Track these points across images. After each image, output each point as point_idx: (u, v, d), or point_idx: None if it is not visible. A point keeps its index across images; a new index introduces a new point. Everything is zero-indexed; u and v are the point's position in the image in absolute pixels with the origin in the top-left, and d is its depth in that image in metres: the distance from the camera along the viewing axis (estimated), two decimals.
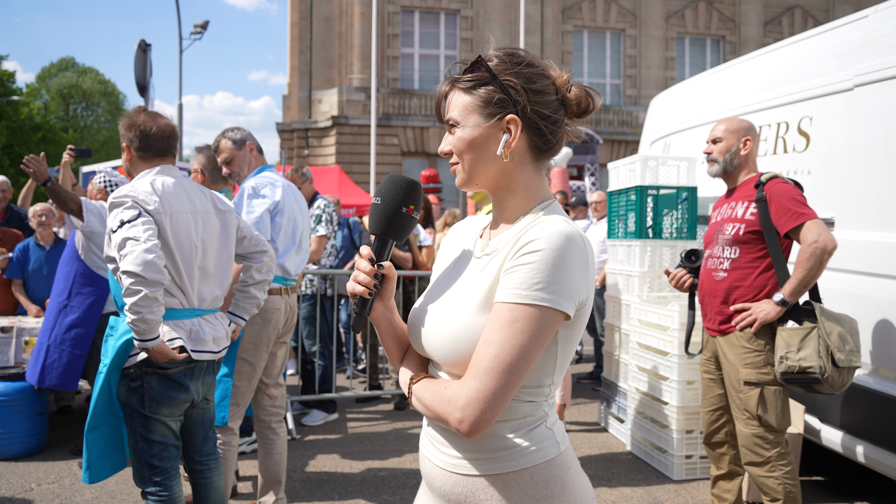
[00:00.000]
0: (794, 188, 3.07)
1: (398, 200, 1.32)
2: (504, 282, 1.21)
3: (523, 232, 1.25)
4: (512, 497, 1.26)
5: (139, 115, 2.79)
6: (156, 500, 2.66)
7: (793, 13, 26.75)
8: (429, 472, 1.38)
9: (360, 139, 22.90)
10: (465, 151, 1.31)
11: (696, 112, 5.52)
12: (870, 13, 3.82)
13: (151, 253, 2.42)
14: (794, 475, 3.07)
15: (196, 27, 19.30)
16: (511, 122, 1.29)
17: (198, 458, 2.89)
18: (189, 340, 2.65)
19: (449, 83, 1.35)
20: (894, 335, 3.40)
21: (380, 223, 1.33)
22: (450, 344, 1.26)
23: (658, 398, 4.51)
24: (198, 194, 2.83)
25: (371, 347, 6.44)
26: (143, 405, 2.61)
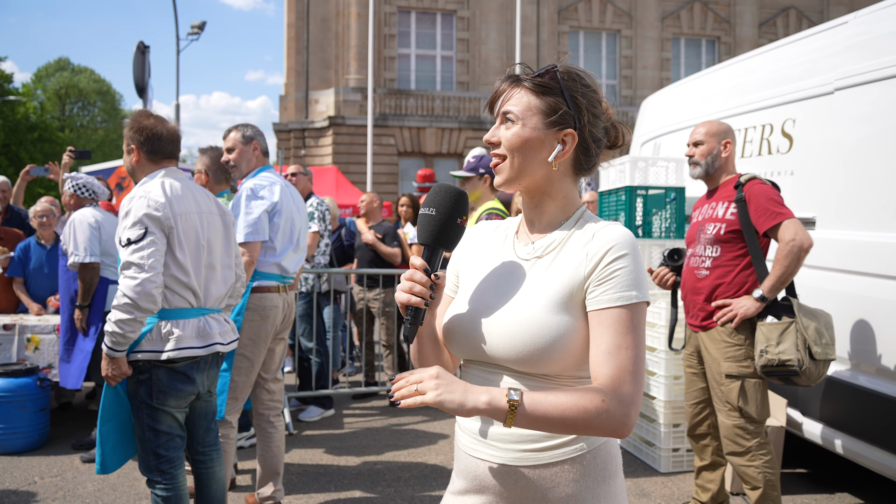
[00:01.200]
0: (771, 189, 3.19)
1: (452, 211, 1.36)
2: (605, 289, 1.29)
3: (591, 238, 1.34)
4: (578, 480, 1.34)
5: (148, 118, 2.91)
6: (162, 488, 2.77)
7: (787, 14, 26.90)
8: (484, 474, 1.38)
9: (356, 139, 23.00)
10: (518, 149, 1.37)
11: (684, 114, 5.63)
12: (850, 19, 3.94)
13: (151, 283, 2.58)
14: (773, 464, 3.19)
15: (193, 28, 19.41)
16: (569, 135, 1.37)
17: (200, 448, 3.01)
18: (197, 337, 2.78)
19: (514, 80, 1.41)
20: (874, 331, 3.52)
21: (434, 234, 1.35)
22: (524, 344, 1.30)
23: (646, 393, 4.63)
24: (202, 195, 2.96)
25: (367, 345, 6.55)
26: (151, 397, 2.73)
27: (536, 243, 1.43)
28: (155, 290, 2.60)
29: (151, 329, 2.71)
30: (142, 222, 2.65)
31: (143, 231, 2.63)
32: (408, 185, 22.77)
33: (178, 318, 2.76)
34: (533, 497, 1.35)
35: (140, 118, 2.93)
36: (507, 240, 1.49)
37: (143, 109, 3.01)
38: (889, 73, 3.55)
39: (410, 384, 1.25)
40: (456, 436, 1.48)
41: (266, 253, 3.61)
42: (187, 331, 2.76)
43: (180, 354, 2.72)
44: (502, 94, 1.42)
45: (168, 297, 2.74)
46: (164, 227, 2.69)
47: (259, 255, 3.58)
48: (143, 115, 2.95)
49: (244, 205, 3.52)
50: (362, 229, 6.47)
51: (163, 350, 2.70)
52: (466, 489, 1.43)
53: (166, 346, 2.71)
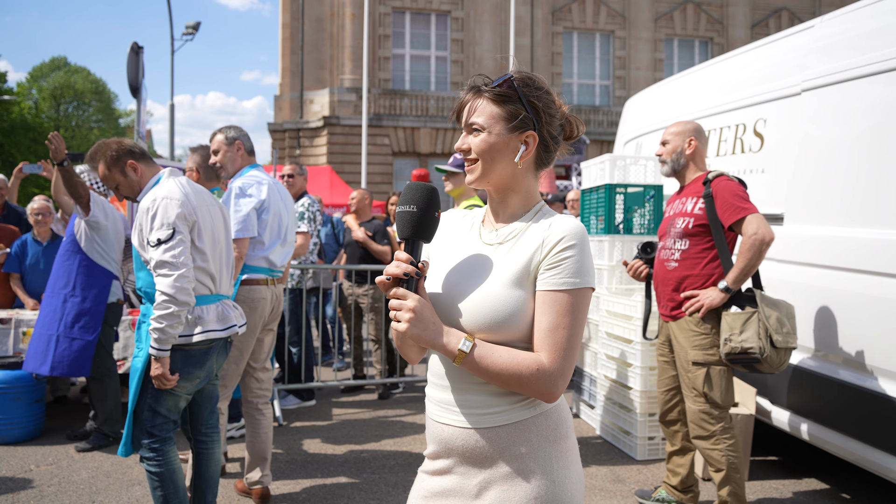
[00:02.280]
0: (737, 185, 3.35)
1: (429, 206, 1.51)
2: (552, 273, 1.47)
3: (547, 228, 1.52)
4: (531, 440, 1.51)
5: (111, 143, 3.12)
6: (155, 464, 2.94)
7: (780, 15, 27.10)
8: (449, 437, 1.54)
9: (351, 139, 23.14)
10: (486, 154, 1.55)
11: (665, 114, 5.78)
12: (816, 23, 4.10)
13: (184, 278, 2.78)
14: (736, 448, 3.35)
15: (188, 28, 19.53)
16: (530, 136, 1.56)
17: (203, 429, 3.21)
18: (218, 321, 3.00)
19: (476, 91, 1.57)
20: (839, 322, 3.67)
21: (417, 228, 1.50)
22: (486, 316, 1.47)
23: (624, 384, 4.78)
24: (202, 190, 3.16)
25: (356, 339, 6.68)
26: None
27: (500, 231, 1.60)
28: (188, 285, 2.80)
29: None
30: (170, 222, 2.83)
31: (172, 231, 2.82)
32: (402, 185, 22.87)
33: (202, 304, 2.96)
34: (492, 456, 1.51)
35: (108, 148, 3.09)
36: (474, 228, 1.66)
37: (100, 142, 3.15)
38: (852, 75, 3.71)
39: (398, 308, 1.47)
40: (427, 407, 1.64)
41: (254, 247, 3.77)
42: (210, 315, 2.98)
43: (207, 337, 2.93)
44: (466, 105, 1.59)
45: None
46: (188, 223, 2.90)
47: (248, 250, 3.74)
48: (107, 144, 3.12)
49: (233, 203, 3.69)
50: (352, 226, 6.60)
51: (192, 334, 2.90)
52: (437, 453, 1.60)
53: (195, 330, 2.91)
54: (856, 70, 3.69)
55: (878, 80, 3.56)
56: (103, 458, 4.58)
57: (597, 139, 24.05)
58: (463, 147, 1.58)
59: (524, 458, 1.51)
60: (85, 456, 4.63)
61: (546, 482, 1.51)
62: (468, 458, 1.53)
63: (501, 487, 1.51)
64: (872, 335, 3.46)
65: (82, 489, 4.04)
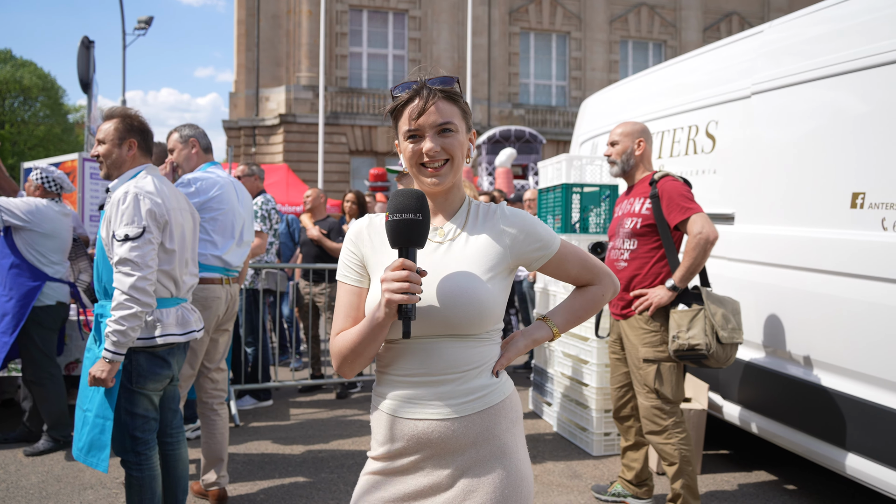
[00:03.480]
0: (682, 185, 3.44)
1: (428, 212, 1.47)
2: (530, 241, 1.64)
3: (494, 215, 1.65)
4: (500, 423, 1.60)
5: (136, 115, 3.06)
6: (136, 467, 2.92)
7: (730, 19, 27.76)
8: (423, 431, 1.54)
9: (307, 137, 22.96)
10: (457, 154, 1.58)
11: (619, 115, 5.88)
12: (765, 28, 4.22)
13: (146, 281, 2.74)
14: (688, 442, 3.44)
15: (140, 22, 19.14)
16: (473, 135, 1.66)
17: (168, 430, 3.18)
18: (178, 325, 2.96)
19: (430, 91, 1.56)
20: (788, 319, 3.79)
21: (420, 235, 1.45)
22: (475, 309, 1.52)
23: (580, 381, 4.86)
24: (176, 192, 3.11)
25: (313, 339, 6.65)
26: (131, 381, 2.87)
27: (445, 227, 1.63)
28: (150, 287, 2.76)
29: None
30: (141, 220, 2.78)
31: (142, 230, 2.76)
32: (359, 184, 22.81)
33: (161, 307, 2.92)
34: (468, 442, 1.56)
35: (131, 113, 3.05)
36: None
37: (126, 107, 3.11)
38: (798, 80, 3.83)
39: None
40: (380, 408, 1.63)
41: (206, 246, 3.73)
42: (170, 318, 2.93)
43: (166, 340, 2.89)
44: (420, 105, 1.55)
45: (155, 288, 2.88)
46: (160, 223, 2.84)
47: (200, 249, 3.69)
48: (132, 111, 3.07)
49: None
50: (307, 225, 6.57)
51: (151, 336, 2.85)
52: (400, 451, 1.58)
53: (154, 333, 2.86)
54: (802, 74, 3.81)
55: (822, 85, 3.68)
56: (53, 462, 4.48)
57: (553, 139, 24.31)
58: (436, 149, 1.55)
59: (495, 440, 1.59)
60: (33, 460, 4.52)
61: (513, 461, 1.60)
62: (442, 449, 1.56)
63: (475, 471, 1.57)
64: (818, 331, 3.59)
65: (32, 494, 3.94)
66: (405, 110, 1.60)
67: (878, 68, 3.37)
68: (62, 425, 4.73)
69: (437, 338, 1.56)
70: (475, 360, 1.59)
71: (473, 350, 1.58)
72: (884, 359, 3.19)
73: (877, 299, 3.23)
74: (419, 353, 1.57)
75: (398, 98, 1.61)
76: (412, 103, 1.59)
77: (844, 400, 3.37)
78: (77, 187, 7.34)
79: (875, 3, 3.43)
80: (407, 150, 1.60)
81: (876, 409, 3.20)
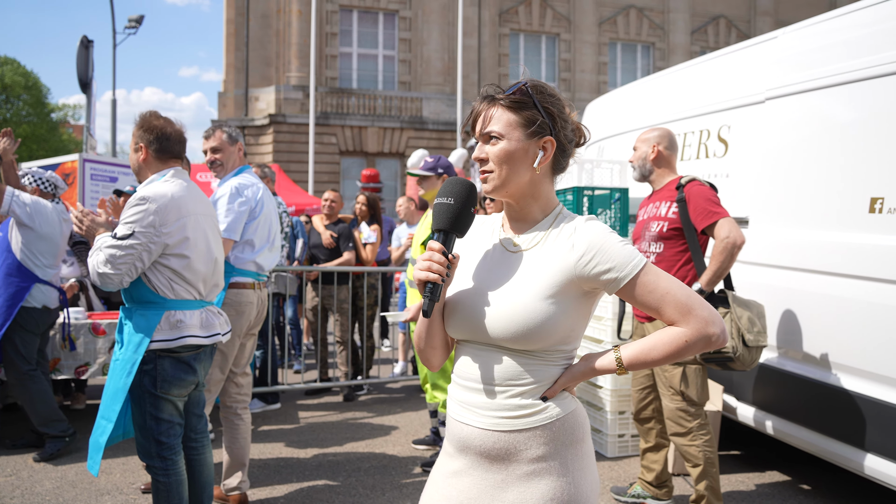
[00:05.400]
0: (709, 190, 3.48)
1: (467, 201, 1.54)
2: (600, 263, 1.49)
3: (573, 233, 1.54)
4: (548, 444, 1.55)
5: (157, 118, 3.08)
6: (163, 473, 2.91)
7: (718, 23, 27.99)
8: (468, 435, 1.58)
9: (297, 137, 22.89)
10: (505, 162, 1.55)
11: (627, 119, 5.93)
12: (779, 34, 4.27)
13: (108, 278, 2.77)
14: (712, 443, 3.48)
15: (131, 21, 18.97)
16: (548, 142, 1.58)
17: (193, 435, 3.16)
18: (202, 328, 2.96)
19: (490, 100, 1.59)
20: (800, 321, 3.85)
21: (451, 220, 1.53)
22: (517, 326, 1.50)
23: (593, 383, 4.89)
24: (202, 197, 3.11)
25: (321, 342, 6.64)
26: (155, 386, 2.86)
27: (521, 238, 1.62)
28: (109, 285, 2.78)
29: (160, 320, 2.84)
30: (132, 224, 2.78)
31: (131, 233, 2.76)
32: (349, 185, 22.80)
33: (185, 309, 2.92)
34: (508, 457, 1.55)
35: (150, 118, 3.07)
36: (495, 233, 1.68)
37: (152, 110, 3.13)
38: (813, 86, 3.89)
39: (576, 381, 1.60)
40: (448, 406, 1.67)
41: (244, 250, 3.73)
42: (193, 321, 2.93)
43: (188, 342, 2.88)
44: (481, 114, 1.60)
45: (175, 289, 2.90)
46: (161, 232, 2.82)
47: (238, 253, 3.70)
48: (153, 115, 3.09)
49: (227, 202, 3.63)
50: (319, 229, 6.58)
51: (172, 338, 2.85)
52: (455, 451, 1.63)
53: (175, 335, 2.86)
54: (818, 81, 3.86)
55: (838, 91, 3.73)
56: (66, 468, 4.44)
57: None
58: (480, 156, 1.58)
59: (541, 460, 1.55)
60: (45, 466, 4.48)
61: (563, 483, 1.55)
62: (486, 458, 1.57)
63: (519, 489, 1.54)
64: (834, 333, 3.64)
65: (48, 500, 3.91)
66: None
67: (894, 76, 3.42)
68: (53, 421, 4.67)
69: (489, 347, 1.58)
70: (523, 378, 1.56)
71: (524, 367, 1.56)
72: None
73: (894, 302, 3.29)
74: (471, 357, 1.61)
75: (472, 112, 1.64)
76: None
77: (862, 401, 3.43)
78: (77, 187, 7.31)
79: (890, 13, 3.49)
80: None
81: (894, 409, 3.25)
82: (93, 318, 5.17)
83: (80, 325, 4.96)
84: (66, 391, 6.03)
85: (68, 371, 4.94)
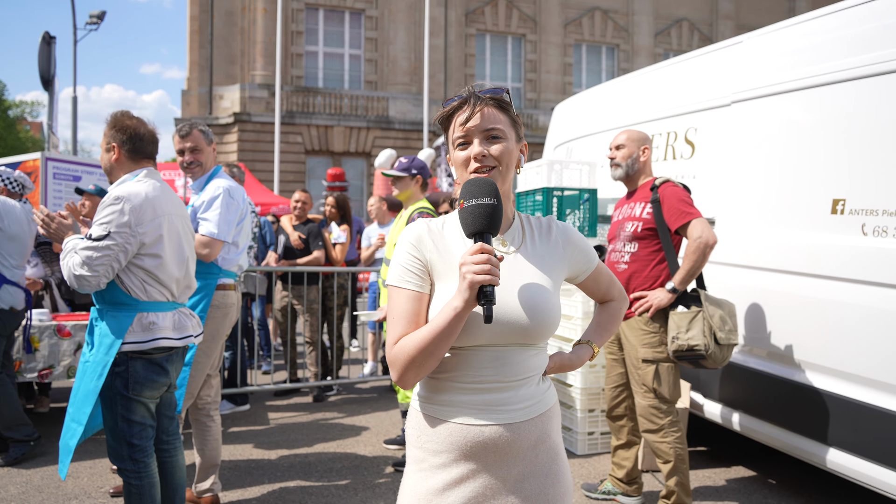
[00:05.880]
0: (682, 191, 3.54)
1: (499, 199, 1.48)
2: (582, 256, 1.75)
3: (548, 229, 1.71)
4: (554, 424, 1.68)
5: (130, 118, 3.03)
6: (135, 476, 2.87)
7: (681, 25, 28.44)
8: (490, 437, 1.55)
9: (262, 136, 22.67)
10: (506, 160, 1.59)
11: (596, 120, 6.00)
12: (744, 39, 4.37)
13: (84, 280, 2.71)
14: (683, 440, 3.54)
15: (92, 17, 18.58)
16: (525, 146, 1.69)
17: (165, 437, 3.13)
18: (174, 329, 2.92)
19: (479, 99, 1.60)
20: (764, 319, 3.94)
21: (492, 220, 1.46)
22: (551, 321, 1.59)
23: (563, 381, 4.94)
24: (175, 197, 3.07)
25: (291, 342, 6.60)
26: (127, 388, 2.82)
27: (505, 237, 1.66)
28: (86, 287, 2.73)
29: (133, 321, 2.80)
30: (109, 225, 2.74)
31: (106, 234, 2.72)
32: (315, 184, 22.63)
33: (158, 311, 2.87)
34: (528, 445, 1.60)
35: (122, 118, 3.02)
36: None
37: (124, 110, 3.09)
38: (778, 90, 3.98)
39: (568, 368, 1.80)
40: (438, 416, 1.60)
41: (230, 251, 3.71)
42: (166, 322, 2.89)
43: (160, 344, 2.85)
44: (476, 111, 1.58)
45: (148, 291, 2.86)
46: (137, 232, 2.78)
47: (224, 254, 3.68)
48: (126, 115, 3.05)
49: (222, 204, 3.58)
50: (287, 229, 6.53)
51: (145, 340, 2.81)
52: (460, 458, 1.57)
53: (148, 337, 2.82)
54: (782, 85, 3.96)
55: (802, 95, 3.83)
56: (31, 472, 4.35)
57: None
58: (483, 153, 1.57)
59: (549, 441, 1.65)
60: (10, 471, 4.38)
61: (563, 463, 1.69)
62: (506, 454, 1.57)
63: (536, 475, 1.62)
64: (798, 331, 3.73)
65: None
66: (455, 118, 1.63)
67: (854, 81, 3.53)
68: (18, 425, 4.57)
69: (509, 346, 1.58)
70: (537, 367, 1.65)
71: (536, 357, 1.64)
72: (862, 357, 3.34)
73: (856, 300, 3.39)
74: (490, 360, 1.57)
75: (448, 106, 1.64)
76: (461, 110, 1.62)
77: (825, 397, 3.52)
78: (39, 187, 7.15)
79: (850, 20, 3.59)
80: (458, 158, 1.62)
81: (856, 405, 3.36)
82: (57, 319, 5.07)
83: (44, 327, 4.86)
84: (28, 394, 5.90)
85: (32, 374, 4.82)
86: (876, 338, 3.27)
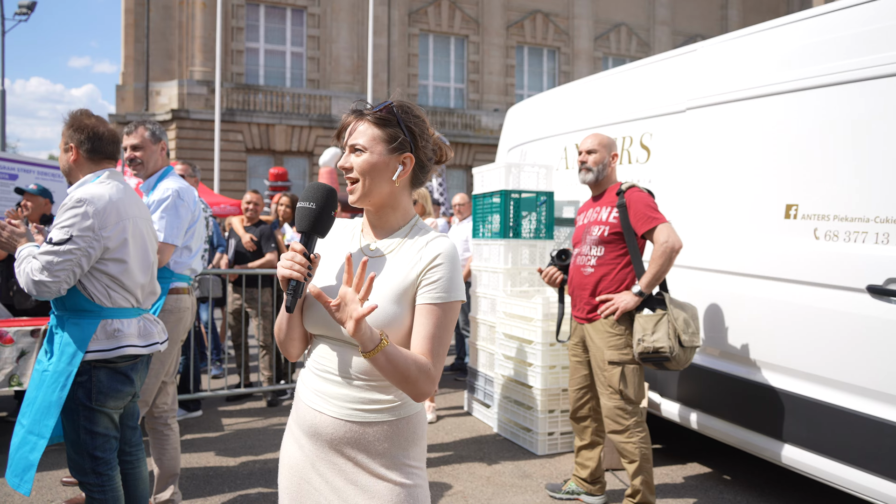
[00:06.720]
0: (648, 196, 3.63)
1: (326, 205, 1.64)
2: (428, 289, 1.64)
3: (423, 247, 1.68)
4: (391, 439, 1.68)
5: (89, 117, 2.92)
6: (98, 490, 2.75)
7: (619, 30, 29.07)
8: (319, 423, 1.68)
9: (202, 134, 22.14)
10: (368, 173, 1.67)
11: (551, 124, 6.07)
12: (699, 48, 4.49)
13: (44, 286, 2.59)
14: (647, 440, 3.62)
15: (21, 7, 17.79)
16: (408, 158, 1.71)
17: (127, 448, 3.01)
18: (139, 337, 2.81)
19: (358, 114, 1.70)
20: (720, 319, 4.06)
21: (313, 222, 1.63)
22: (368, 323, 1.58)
23: (523, 383, 4.99)
24: (138, 200, 2.96)
25: (244, 346, 6.47)
26: (91, 399, 2.70)
27: (379, 243, 1.75)
28: (46, 294, 2.62)
29: (96, 329, 2.69)
30: (71, 228, 2.62)
31: (68, 237, 2.60)
32: (257, 183, 22.24)
33: (122, 318, 2.77)
34: (355, 447, 1.67)
35: (81, 117, 2.91)
36: (355, 238, 1.80)
37: (83, 109, 2.95)
38: (731, 97, 4.11)
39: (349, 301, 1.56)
40: (297, 390, 1.80)
41: (183, 255, 3.59)
42: (131, 329, 2.79)
43: (126, 352, 2.74)
44: (349, 126, 1.72)
45: (112, 297, 2.75)
46: (101, 236, 2.67)
47: (177, 258, 3.56)
48: (84, 114, 2.94)
49: (170, 206, 3.48)
50: (239, 231, 6.40)
51: (110, 349, 2.70)
52: (304, 435, 1.73)
53: (113, 345, 2.72)
54: (735, 93, 4.09)
55: (755, 103, 3.96)
56: None
57: (452, 141, 24.59)
58: (346, 165, 1.70)
59: (385, 453, 1.68)
60: None
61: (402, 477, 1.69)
62: (333, 445, 1.68)
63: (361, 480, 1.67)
64: (752, 331, 3.86)
65: None
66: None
67: (805, 91, 3.67)
68: None
69: (340, 343, 1.69)
70: (372, 374, 1.66)
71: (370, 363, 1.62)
72: (815, 356, 3.48)
73: (808, 302, 3.53)
74: (328, 350, 1.71)
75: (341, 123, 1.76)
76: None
77: (779, 394, 3.66)
78: None
79: (803, 33, 3.74)
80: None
81: (809, 402, 3.50)
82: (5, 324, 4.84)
83: None
84: None
85: None
86: (828, 338, 3.42)
